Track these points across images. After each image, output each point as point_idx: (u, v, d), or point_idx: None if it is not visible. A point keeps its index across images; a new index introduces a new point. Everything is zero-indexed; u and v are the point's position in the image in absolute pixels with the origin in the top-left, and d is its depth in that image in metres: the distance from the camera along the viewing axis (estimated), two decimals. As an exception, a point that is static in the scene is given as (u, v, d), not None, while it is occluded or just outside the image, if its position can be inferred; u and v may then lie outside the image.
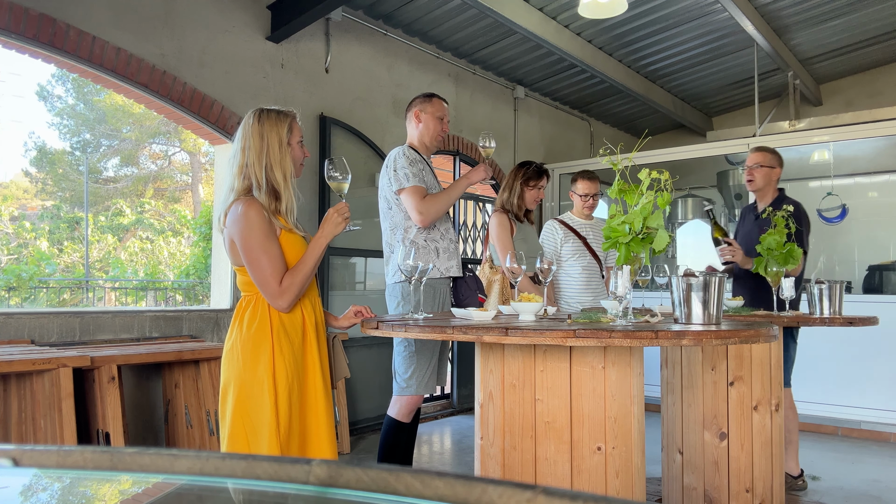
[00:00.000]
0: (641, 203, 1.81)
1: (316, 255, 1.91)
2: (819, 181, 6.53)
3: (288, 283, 1.86)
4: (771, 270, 3.00)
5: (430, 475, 0.46)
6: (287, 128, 1.96)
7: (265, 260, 1.85)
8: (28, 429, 2.84)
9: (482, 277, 3.25)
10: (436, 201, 2.76)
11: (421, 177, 2.78)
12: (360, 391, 4.69)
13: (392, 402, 2.77)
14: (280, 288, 1.86)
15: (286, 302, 1.87)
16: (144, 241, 14.53)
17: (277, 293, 1.86)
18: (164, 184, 16.29)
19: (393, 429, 2.75)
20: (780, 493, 2.67)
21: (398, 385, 2.74)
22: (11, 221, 13.48)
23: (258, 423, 1.84)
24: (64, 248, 13.55)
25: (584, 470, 1.77)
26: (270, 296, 1.87)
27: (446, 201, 2.80)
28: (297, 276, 1.88)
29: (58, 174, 14.93)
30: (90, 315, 3.48)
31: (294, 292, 1.87)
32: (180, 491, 0.55)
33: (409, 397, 2.72)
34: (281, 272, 1.87)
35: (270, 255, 1.85)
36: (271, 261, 1.85)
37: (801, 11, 5.43)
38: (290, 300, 1.88)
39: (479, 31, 5.25)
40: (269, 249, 1.86)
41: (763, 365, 2.59)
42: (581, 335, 1.50)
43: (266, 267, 1.85)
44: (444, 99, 3.02)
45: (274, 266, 1.86)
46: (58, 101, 14.97)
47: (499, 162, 6.19)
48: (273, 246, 1.87)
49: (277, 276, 1.86)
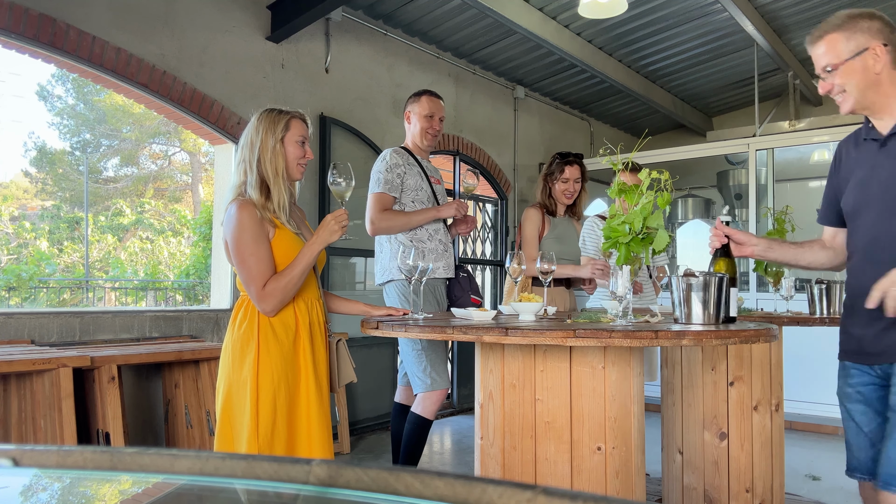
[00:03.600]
0: (641, 203, 1.81)
1: (305, 261, 1.89)
2: (819, 181, 6.54)
3: (272, 287, 1.85)
4: (771, 270, 3.00)
5: (430, 475, 0.46)
6: (283, 126, 1.97)
7: (252, 261, 1.85)
8: (28, 429, 2.84)
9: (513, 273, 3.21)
10: (392, 218, 2.77)
11: (395, 183, 2.78)
12: (359, 391, 4.69)
13: (417, 400, 2.77)
14: (263, 291, 1.85)
15: (269, 306, 1.86)
16: (144, 241, 14.53)
17: (261, 296, 1.85)
18: (164, 184, 16.29)
19: (420, 427, 2.76)
20: (780, 493, 2.67)
21: (423, 383, 2.74)
22: (11, 221, 13.48)
23: (240, 424, 1.84)
24: (64, 248, 13.55)
25: (584, 470, 1.77)
26: (254, 298, 1.87)
27: (403, 223, 2.78)
28: (282, 281, 1.86)
29: (58, 174, 14.93)
30: (90, 315, 3.48)
31: (278, 297, 1.86)
32: (180, 491, 0.55)
33: (436, 393, 2.73)
34: (266, 276, 1.86)
35: (257, 257, 1.85)
36: (257, 263, 1.85)
37: (801, 11, 5.43)
38: (275, 304, 1.86)
39: (479, 31, 5.25)
40: (257, 252, 1.85)
41: (763, 365, 2.59)
42: (581, 335, 1.50)
43: (252, 268, 1.85)
44: (436, 95, 2.97)
45: (259, 269, 1.85)
46: (58, 101, 14.97)
47: (499, 162, 6.19)
48: (261, 249, 1.86)
49: (262, 279, 1.85)
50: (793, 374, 4.76)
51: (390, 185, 2.76)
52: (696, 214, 7.02)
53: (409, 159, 2.87)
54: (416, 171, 2.86)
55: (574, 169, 3.29)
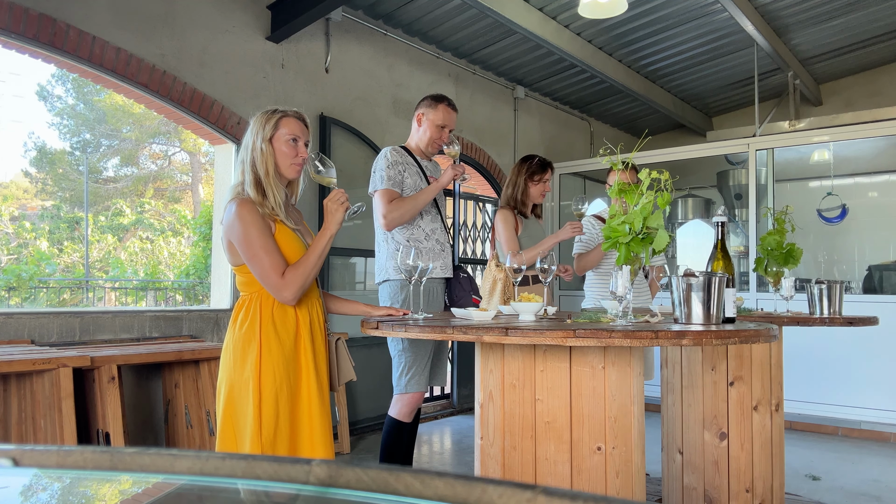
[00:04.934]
0: (641, 203, 1.81)
1: (320, 247, 1.91)
2: (819, 181, 6.54)
3: (291, 275, 1.87)
4: (771, 270, 3.00)
5: (430, 475, 0.46)
6: (272, 125, 1.98)
7: (263, 254, 1.86)
8: (28, 429, 2.84)
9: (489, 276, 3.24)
10: (401, 206, 2.75)
11: (397, 179, 2.78)
12: (360, 391, 4.69)
13: (392, 401, 2.78)
14: (283, 280, 1.86)
15: (290, 293, 1.87)
16: (144, 241, 14.53)
17: (280, 285, 1.86)
18: (164, 184, 16.29)
19: (394, 429, 2.75)
20: (780, 493, 2.67)
21: (398, 384, 2.75)
22: (11, 221, 13.48)
23: (242, 424, 1.85)
24: (64, 248, 13.55)
25: (584, 470, 1.77)
26: (273, 289, 1.87)
27: (412, 206, 2.76)
28: (300, 268, 1.88)
29: (58, 174, 14.92)
30: (90, 315, 3.48)
31: (298, 282, 1.87)
32: (180, 491, 0.55)
33: (408, 396, 2.72)
34: (281, 265, 1.87)
35: (267, 248, 1.87)
36: (270, 255, 1.86)
37: (801, 11, 5.43)
38: (295, 291, 1.87)
39: (479, 31, 5.25)
40: (266, 244, 1.87)
41: (763, 365, 2.59)
42: (581, 335, 1.50)
43: (265, 261, 1.86)
44: (454, 106, 2.95)
45: (273, 260, 1.86)
46: (58, 101, 14.97)
47: (499, 162, 6.19)
48: (270, 241, 1.88)
49: (279, 268, 1.86)
50: (793, 374, 4.76)
51: (393, 181, 2.76)
52: (696, 214, 7.01)
53: (407, 158, 2.88)
54: (414, 171, 2.87)
55: (549, 172, 3.47)
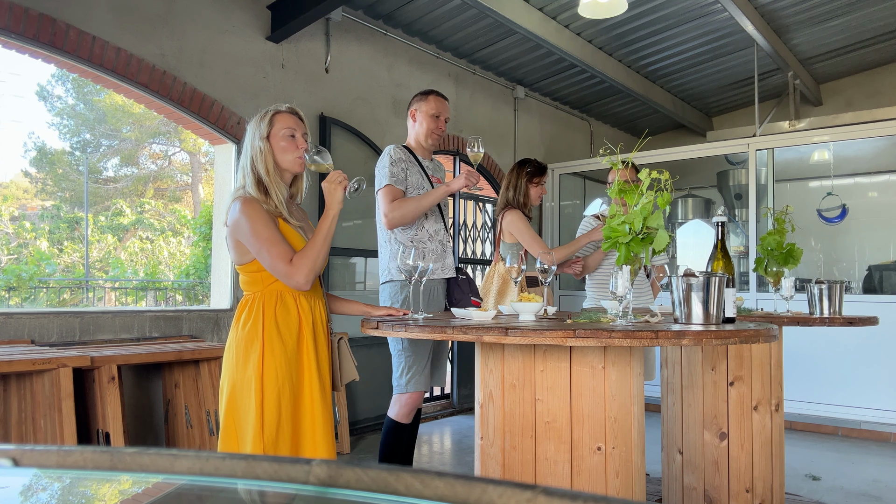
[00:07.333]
0: (641, 203, 1.81)
1: (324, 228, 1.92)
2: (819, 181, 6.54)
3: (299, 260, 1.88)
4: (771, 270, 3.00)
5: (430, 475, 0.46)
6: (267, 123, 2.00)
7: (270, 245, 1.87)
8: (28, 429, 2.84)
9: (496, 277, 3.23)
10: (404, 205, 2.72)
11: (401, 177, 2.77)
12: (360, 391, 4.69)
13: (391, 402, 2.78)
14: (292, 267, 1.87)
15: (302, 276, 1.87)
16: (144, 241, 14.53)
17: (290, 272, 1.87)
18: (164, 184, 16.29)
19: (392, 430, 2.75)
20: (780, 493, 2.67)
21: (397, 384, 2.76)
22: (11, 221, 13.48)
23: (245, 423, 1.85)
24: (64, 248, 13.55)
25: (584, 470, 1.77)
26: (284, 276, 1.88)
27: (416, 207, 2.72)
28: (307, 251, 1.89)
29: (58, 174, 14.92)
30: (90, 315, 3.48)
31: (308, 265, 1.88)
32: (180, 491, 0.55)
33: (406, 396, 2.72)
34: (289, 252, 1.88)
35: (274, 239, 1.88)
36: (277, 244, 1.87)
37: (801, 11, 5.43)
38: (306, 274, 1.87)
39: (479, 31, 5.25)
40: (272, 235, 1.88)
41: (763, 365, 2.59)
42: (581, 335, 1.50)
43: (273, 250, 1.87)
44: (442, 95, 2.97)
45: (280, 249, 1.87)
46: (58, 101, 14.97)
47: (499, 162, 6.19)
48: (275, 232, 1.90)
49: (287, 255, 1.87)
50: (793, 374, 4.76)
51: (396, 179, 2.76)
52: (696, 214, 7.01)
53: (410, 157, 2.87)
54: (416, 170, 2.86)
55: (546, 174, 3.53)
